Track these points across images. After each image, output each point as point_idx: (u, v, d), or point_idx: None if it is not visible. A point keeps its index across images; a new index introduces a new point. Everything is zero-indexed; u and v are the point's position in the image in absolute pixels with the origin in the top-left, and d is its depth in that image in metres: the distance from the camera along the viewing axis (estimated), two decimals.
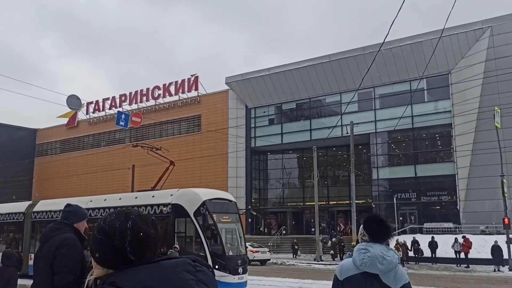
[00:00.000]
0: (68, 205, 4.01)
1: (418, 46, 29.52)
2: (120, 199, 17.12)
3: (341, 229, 34.58)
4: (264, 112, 37.16)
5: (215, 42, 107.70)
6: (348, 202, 29.86)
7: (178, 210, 14.19)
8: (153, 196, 15.60)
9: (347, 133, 27.94)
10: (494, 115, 23.54)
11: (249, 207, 35.43)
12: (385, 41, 12.27)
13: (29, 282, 13.15)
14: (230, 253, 13.65)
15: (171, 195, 14.83)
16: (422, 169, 30.46)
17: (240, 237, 14.70)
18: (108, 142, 46.63)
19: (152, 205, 15.03)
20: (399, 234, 26.68)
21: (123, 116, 26.21)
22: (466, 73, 28.01)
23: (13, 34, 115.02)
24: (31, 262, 16.77)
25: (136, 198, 16.34)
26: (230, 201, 15.31)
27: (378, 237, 3.21)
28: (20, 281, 17.06)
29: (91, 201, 17.69)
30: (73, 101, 44.71)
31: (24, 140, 53.43)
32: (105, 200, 17.65)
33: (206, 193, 14.85)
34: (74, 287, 3.44)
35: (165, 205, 14.70)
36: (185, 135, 40.88)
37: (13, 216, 21.26)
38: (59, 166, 49.84)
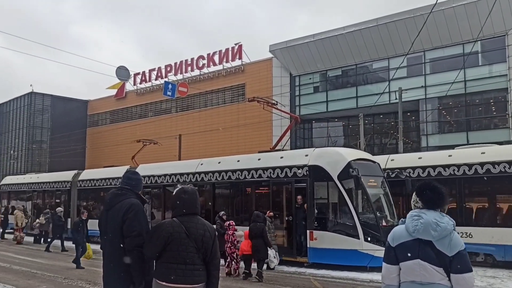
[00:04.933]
0: (134, 172, 4.20)
1: (472, 7, 27.91)
2: (238, 161, 15.13)
3: None
4: (310, 78, 36.61)
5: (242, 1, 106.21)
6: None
7: (317, 172, 12.47)
8: (281, 157, 13.75)
9: (395, 99, 27.16)
10: None
11: None
12: (437, 2, 11.69)
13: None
14: (383, 223, 11.90)
15: (306, 155, 13.06)
16: (474, 136, 29.26)
17: (390, 204, 12.85)
18: (155, 112, 47.71)
19: (281, 168, 13.35)
20: None
21: (170, 86, 26.71)
22: None
23: None
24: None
25: (259, 160, 14.41)
26: (374, 162, 13.46)
27: (432, 203, 3.17)
28: (71, 244, 18.00)
29: (201, 164, 16.18)
30: (122, 72, 45.89)
31: (76, 111, 55.66)
32: (219, 163, 15.77)
33: (349, 153, 13.16)
34: (143, 249, 3.68)
35: (299, 167, 12.88)
36: (230, 104, 41.13)
37: (62, 184, 22.41)
38: (109, 136, 51.68)
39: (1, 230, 22.59)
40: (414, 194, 3.27)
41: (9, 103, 59.60)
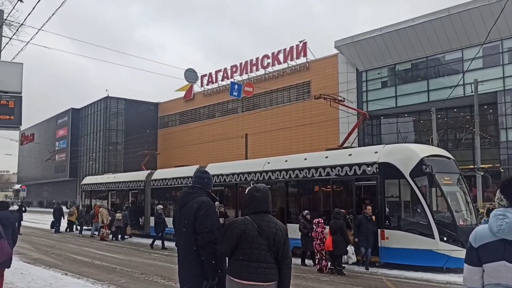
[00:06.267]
0: (204, 172, 4.35)
1: None
2: (305, 159, 14.94)
3: None
4: (378, 73, 35.60)
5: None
6: (472, 166, 27.76)
7: (387, 170, 12.09)
8: (350, 155, 13.49)
9: (471, 92, 25.74)
10: None
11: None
12: None
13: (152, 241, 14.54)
14: (461, 223, 11.41)
15: (376, 152, 12.72)
16: None
17: (467, 202, 12.35)
18: (221, 113, 48.71)
19: (350, 165, 13.05)
20: None
21: (236, 86, 27.08)
22: None
23: (100, 4, 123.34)
24: (152, 224, 18.33)
25: (326, 157, 14.18)
26: (449, 158, 12.93)
27: None
28: (146, 241, 18.85)
29: (268, 162, 16.20)
30: (190, 75, 47.33)
31: (148, 113, 58.23)
32: (286, 161, 15.73)
33: (422, 149, 12.72)
34: (215, 245, 3.79)
35: (368, 164, 12.55)
36: (295, 102, 41.03)
37: (136, 183, 23.44)
38: (178, 136, 53.53)
39: (93, 227, 23.83)
40: (498, 191, 3.07)
41: (87, 107, 63.56)
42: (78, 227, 25.28)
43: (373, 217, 12.01)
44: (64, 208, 29.44)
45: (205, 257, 3.80)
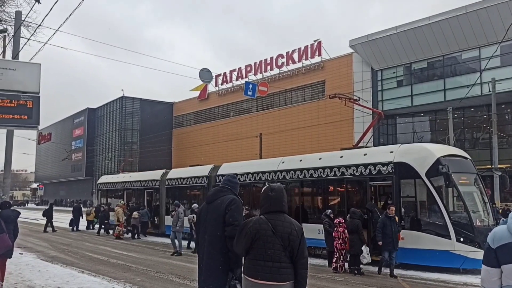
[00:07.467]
0: (234, 176, 4.75)
1: None
2: (320, 159, 14.88)
3: None
4: (394, 72, 35.27)
5: None
6: (490, 166, 27.38)
7: (403, 169, 12.00)
8: (365, 154, 13.40)
9: (489, 91, 25.37)
10: None
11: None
12: None
13: (167, 240, 14.89)
14: (478, 223, 11.31)
15: (391, 152, 12.63)
16: None
17: (485, 202, 12.24)
18: (236, 112, 48.79)
19: (365, 165, 12.96)
20: None
21: (250, 86, 27.12)
22: None
23: (109, 3, 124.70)
24: (167, 223, 18.26)
25: (341, 157, 14.12)
26: (466, 158, 12.82)
27: None
28: (160, 239, 18.79)
29: (283, 162, 16.22)
30: (205, 74, 47.52)
31: (163, 113, 58.63)
32: (300, 160, 15.71)
33: (438, 149, 12.58)
34: None
35: (384, 164, 12.46)
36: (310, 102, 40.90)
37: (151, 182, 23.58)
38: (193, 136, 53.79)
39: (99, 226, 24.30)
40: None
41: (103, 107, 64.25)
42: (96, 226, 25.56)
43: (396, 217, 11.62)
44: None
45: (232, 248, 4.01)
